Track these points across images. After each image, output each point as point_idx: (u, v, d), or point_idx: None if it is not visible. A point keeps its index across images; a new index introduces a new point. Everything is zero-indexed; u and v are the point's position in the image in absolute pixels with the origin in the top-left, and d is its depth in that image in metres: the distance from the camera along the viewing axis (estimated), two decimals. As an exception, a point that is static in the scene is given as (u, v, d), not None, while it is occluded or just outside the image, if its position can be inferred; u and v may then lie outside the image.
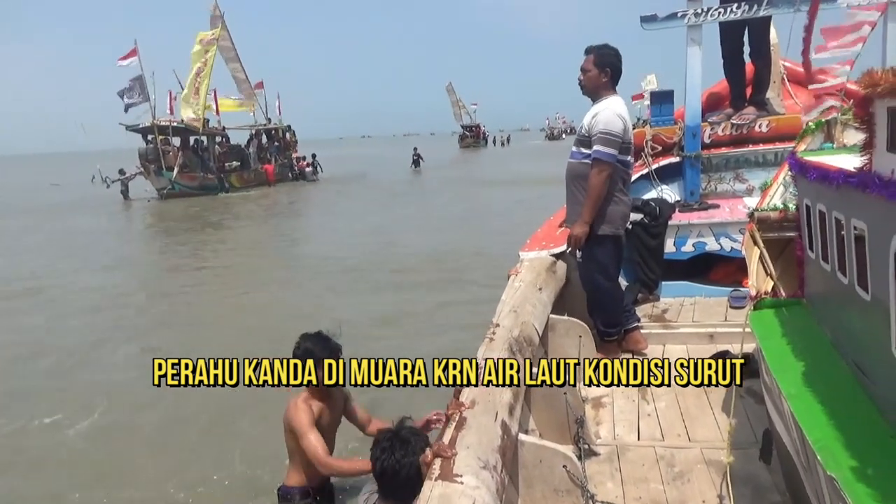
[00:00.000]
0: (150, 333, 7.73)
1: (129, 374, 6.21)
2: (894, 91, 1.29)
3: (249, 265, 12.11)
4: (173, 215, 20.39)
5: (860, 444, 1.51)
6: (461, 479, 1.95)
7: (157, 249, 14.86)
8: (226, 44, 28.64)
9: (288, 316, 7.75)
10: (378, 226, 15.63)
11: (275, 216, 20.08)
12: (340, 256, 11.81)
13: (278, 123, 33.79)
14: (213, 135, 28.22)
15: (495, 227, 14.32)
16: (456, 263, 10.53)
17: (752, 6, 4.58)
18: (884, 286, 1.48)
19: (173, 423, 5.01)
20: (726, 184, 5.15)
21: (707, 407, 3.38)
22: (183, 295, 9.74)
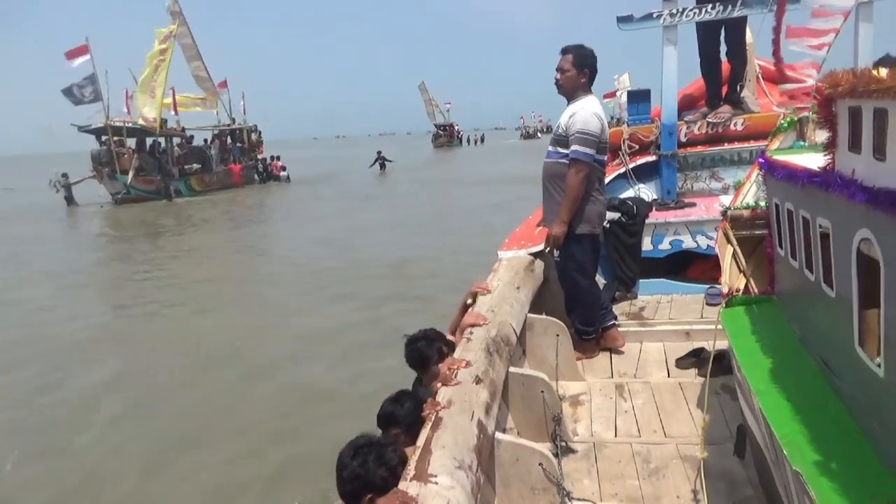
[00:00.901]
0: (68, 359, 7.07)
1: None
2: (854, 91, 1.31)
3: (200, 277, 11.23)
4: (123, 222, 19.51)
5: (826, 439, 1.53)
6: (436, 479, 1.95)
7: (95, 261, 13.81)
8: (186, 41, 27.57)
9: (237, 338, 7.30)
10: (344, 232, 14.94)
11: (235, 222, 19.08)
12: (302, 265, 11.33)
13: (243, 123, 32.57)
14: (172, 136, 26.82)
15: (466, 231, 13.90)
16: (422, 271, 10.13)
17: (726, 7, 4.63)
18: (847, 283, 1.51)
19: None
20: (702, 182, 5.21)
21: (683, 403, 3.41)
22: (118, 311, 9.13)
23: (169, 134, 26.33)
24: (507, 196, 18.36)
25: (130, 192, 23.25)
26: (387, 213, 18.02)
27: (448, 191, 23.48)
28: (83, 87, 23.14)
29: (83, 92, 23.08)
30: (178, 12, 26.52)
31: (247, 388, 5.98)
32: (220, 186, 27.60)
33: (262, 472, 4.52)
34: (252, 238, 15.76)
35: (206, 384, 6.15)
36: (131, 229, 17.99)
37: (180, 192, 25.08)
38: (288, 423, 5.19)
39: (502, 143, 73.17)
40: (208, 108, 30.49)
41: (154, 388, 6.09)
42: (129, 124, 24.07)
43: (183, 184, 25.65)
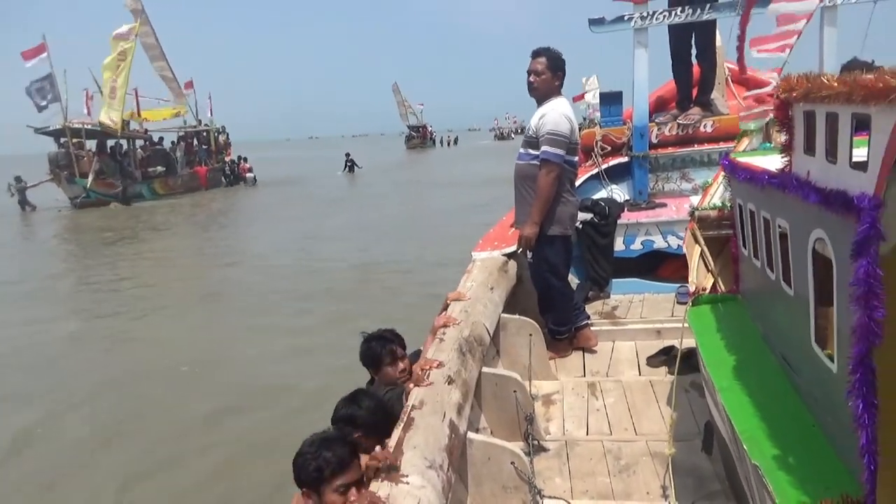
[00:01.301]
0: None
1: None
2: (809, 95, 1.35)
3: (156, 285, 10.78)
4: (80, 227, 18.60)
5: (784, 434, 1.58)
6: (407, 479, 1.97)
7: (46, 268, 12.79)
8: (149, 40, 26.63)
9: (186, 354, 6.89)
10: (309, 238, 14.31)
11: (197, 227, 18.37)
12: (264, 272, 10.89)
13: (210, 125, 31.74)
14: (134, 138, 25.87)
15: (437, 236, 13.39)
16: (389, 280, 9.68)
17: (695, 10, 4.70)
18: (804, 282, 1.55)
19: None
20: (673, 183, 5.28)
21: (653, 401, 3.46)
22: (66, 321, 8.61)
23: (131, 136, 25.49)
24: (480, 198, 17.84)
25: (90, 196, 22.38)
26: (354, 217, 17.40)
27: (420, 193, 23.20)
28: (40, 87, 22.38)
29: (41, 93, 22.29)
30: (139, 10, 25.53)
31: (189, 409, 5.57)
32: (184, 190, 26.78)
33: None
34: (213, 244, 15.00)
35: (132, 403, 5.77)
36: (88, 234, 17.25)
37: (143, 195, 24.35)
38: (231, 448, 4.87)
39: (476, 144, 72.63)
40: (179, 115, 29.69)
41: (76, 405, 5.78)
42: (88, 126, 23.26)
43: (146, 187, 24.83)
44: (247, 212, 21.59)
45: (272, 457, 4.28)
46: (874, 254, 1.11)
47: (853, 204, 1.17)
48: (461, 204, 18.12)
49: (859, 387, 1.17)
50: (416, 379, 2.60)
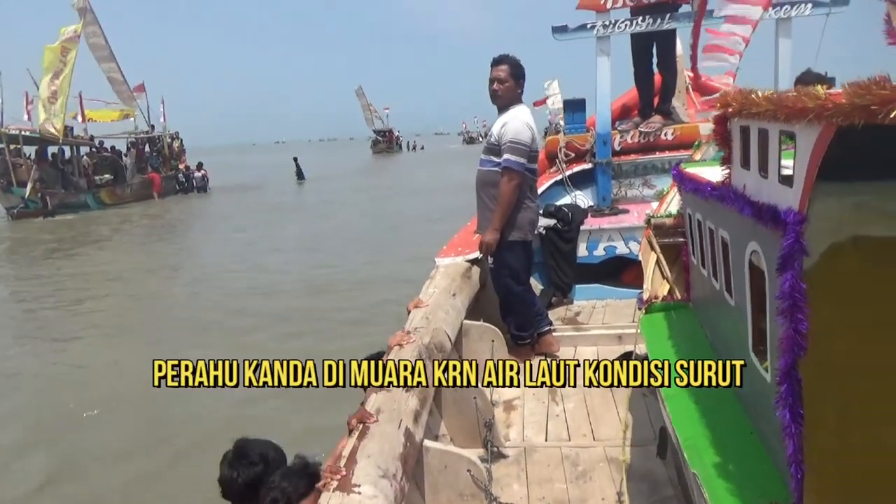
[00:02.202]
0: None
1: None
2: (742, 111, 1.38)
3: (77, 309, 9.80)
4: (17, 240, 17.49)
5: (724, 442, 1.61)
6: (359, 489, 1.96)
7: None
8: (97, 40, 25.41)
9: (117, 382, 6.30)
10: (261, 251, 13.50)
11: (139, 239, 17.23)
12: (208, 290, 10.20)
13: (163, 130, 30.56)
14: (78, 144, 24.49)
15: (399, 246, 12.69)
16: (341, 296, 9.06)
17: (656, 19, 4.79)
18: (743, 292, 1.59)
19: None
20: (636, 189, 5.36)
21: (612, 406, 3.50)
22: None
23: (74, 142, 24.16)
24: (445, 206, 17.14)
25: (29, 206, 21.11)
26: (308, 227, 16.69)
27: (384, 200, 22.40)
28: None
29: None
30: (85, 9, 24.22)
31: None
32: (135, 199, 25.43)
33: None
34: (152, 259, 14.01)
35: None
36: (24, 248, 16.22)
37: (87, 205, 23.04)
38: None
39: (445, 147, 71.80)
40: (126, 116, 28.74)
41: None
42: (26, 132, 21.96)
43: (91, 196, 23.52)
44: (195, 222, 20.57)
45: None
46: (798, 268, 1.14)
47: (780, 218, 1.20)
48: (425, 212, 17.40)
49: (786, 397, 1.20)
50: (321, 485, 2.03)
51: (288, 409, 5.37)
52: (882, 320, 1.14)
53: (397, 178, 33.63)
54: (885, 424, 1.17)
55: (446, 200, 18.47)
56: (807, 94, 1.03)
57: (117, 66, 26.82)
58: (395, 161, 52.98)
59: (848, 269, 1.14)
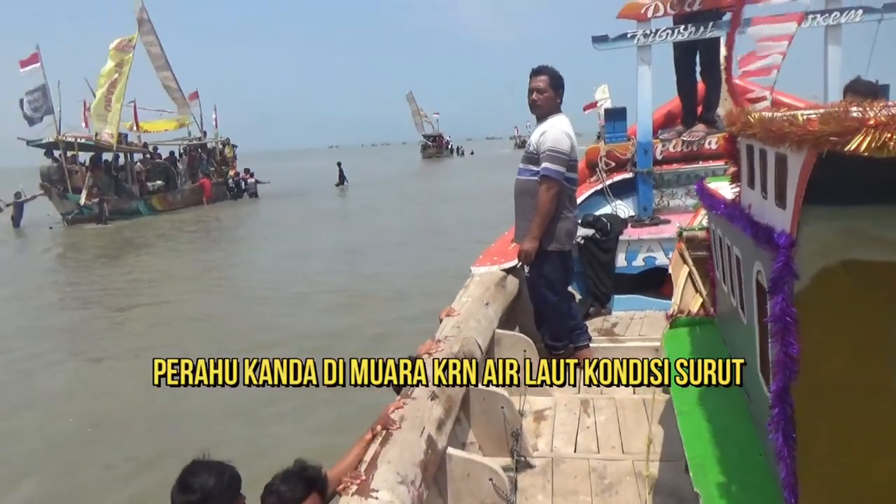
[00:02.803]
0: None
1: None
2: (745, 130, 1.39)
3: (122, 315, 9.80)
4: (71, 245, 17.65)
5: (732, 462, 1.60)
6: (376, 494, 2.02)
7: (26, 289, 11.93)
8: (155, 49, 26.06)
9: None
10: (301, 256, 13.38)
11: (185, 246, 17.02)
12: (243, 297, 10.10)
13: (215, 137, 30.95)
14: (132, 151, 24.72)
15: (440, 254, 12.30)
16: (372, 309, 8.77)
17: (698, 28, 4.72)
18: (752, 311, 1.58)
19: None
20: (678, 199, 5.28)
21: (645, 420, 3.46)
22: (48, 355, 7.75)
23: (128, 150, 24.37)
24: (493, 212, 16.23)
25: (83, 213, 21.27)
26: (353, 234, 16.50)
27: (431, 206, 22.24)
28: (33, 99, 21.63)
29: (33, 105, 21.59)
30: (145, 20, 24.89)
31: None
32: (185, 205, 25.56)
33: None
34: (201, 266, 13.81)
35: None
36: (76, 252, 16.41)
37: (139, 212, 23.29)
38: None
39: (496, 152, 70.97)
40: (182, 125, 29.09)
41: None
42: (81, 139, 22.24)
43: (142, 203, 23.81)
44: (241, 229, 20.43)
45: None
46: (788, 291, 1.14)
47: (773, 241, 1.20)
48: (470, 219, 16.92)
49: (778, 420, 1.20)
50: (341, 488, 2.10)
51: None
52: (874, 344, 1.13)
53: (449, 182, 33.42)
54: (878, 448, 1.16)
55: (493, 207, 17.80)
56: (789, 119, 1.04)
57: (172, 75, 27.37)
58: (445, 166, 52.79)
59: (839, 293, 1.13)
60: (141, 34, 24.57)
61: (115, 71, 22.33)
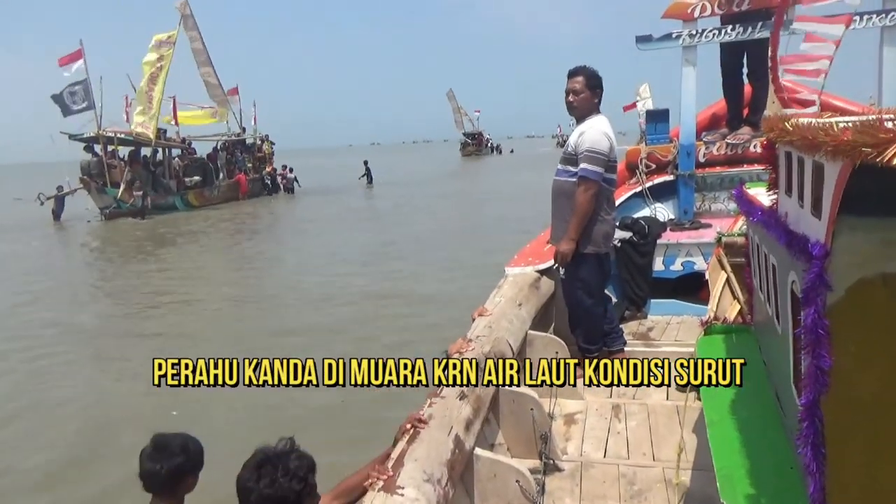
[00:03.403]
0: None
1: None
2: (783, 137, 1.35)
3: (148, 312, 9.55)
4: (106, 240, 17.74)
5: (761, 474, 1.56)
6: (402, 491, 2.03)
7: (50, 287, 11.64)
8: (196, 45, 26.06)
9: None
10: (326, 258, 13.09)
11: (218, 244, 16.82)
12: (265, 302, 9.85)
13: (254, 133, 31.10)
14: (170, 147, 24.84)
15: (469, 259, 11.81)
16: (391, 319, 8.22)
17: (746, 28, 4.61)
18: (787, 321, 1.54)
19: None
20: (721, 203, 5.17)
21: (677, 428, 3.40)
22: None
23: (166, 145, 24.51)
24: (527, 214, 15.65)
25: (121, 207, 21.31)
26: (382, 235, 15.84)
27: (467, 207, 21.67)
28: (74, 93, 21.56)
29: (74, 98, 21.57)
30: (188, 15, 24.85)
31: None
32: (222, 200, 25.64)
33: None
34: (228, 264, 13.82)
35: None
36: (112, 247, 16.48)
37: (176, 207, 23.34)
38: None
39: (536, 151, 69.57)
40: (220, 120, 29.04)
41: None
42: (120, 134, 22.37)
43: (179, 199, 23.82)
44: (273, 227, 20.25)
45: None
46: (821, 303, 1.11)
47: (807, 251, 1.17)
48: (505, 221, 16.27)
49: (807, 434, 1.17)
50: (368, 483, 2.09)
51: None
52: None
53: (488, 181, 32.85)
54: None
55: (531, 207, 17.94)
56: (825, 127, 1.01)
57: (213, 71, 27.32)
58: (485, 164, 52.10)
59: (875, 306, 1.10)
60: (184, 29, 24.70)
61: (156, 64, 22.49)
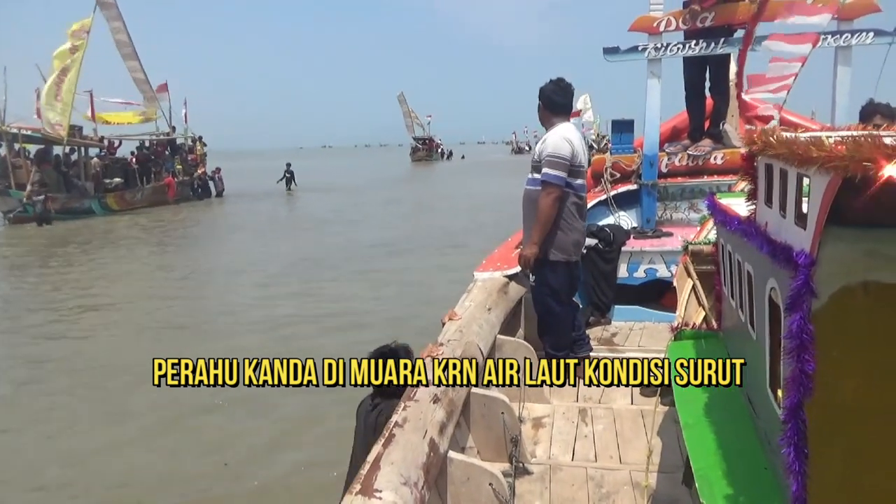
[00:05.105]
0: None
1: None
2: (765, 150, 1.41)
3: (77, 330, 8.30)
4: (9, 247, 15.89)
5: (737, 475, 1.62)
6: (380, 494, 2.03)
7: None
8: (121, 37, 23.92)
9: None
10: (237, 270, 11.82)
11: (130, 253, 14.72)
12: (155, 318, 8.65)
13: (184, 133, 29.02)
14: (86, 146, 22.65)
15: (405, 276, 10.72)
16: (313, 343, 7.10)
17: (709, 44, 4.76)
18: (763, 327, 1.60)
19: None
20: (681, 213, 5.32)
21: (642, 431, 3.48)
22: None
23: (81, 144, 22.28)
24: (479, 226, 14.93)
25: (28, 211, 19.26)
26: (316, 244, 14.53)
27: (415, 214, 20.38)
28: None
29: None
30: (111, 3, 22.71)
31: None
32: (147, 204, 23.71)
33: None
34: (141, 275, 12.16)
35: None
36: (9, 257, 14.62)
37: (92, 211, 21.39)
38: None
39: (487, 157, 68.68)
40: (147, 119, 26.95)
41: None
42: (26, 131, 20.38)
43: (96, 202, 21.85)
44: (197, 232, 18.28)
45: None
46: (806, 309, 1.16)
47: (792, 259, 1.22)
48: (445, 234, 15.09)
49: (791, 436, 1.22)
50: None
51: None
52: (890, 365, 1.15)
53: (436, 188, 31.64)
54: (891, 468, 1.18)
55: (468, 220, 16.74)
56: (814, 142, 1.06)
57: (140, 65, 25.17)
58: (436, 170, 50.74)
59: (857, 313, 1.15)
60: (107, 19, 22.88)
61: (68, 56, 20.59)
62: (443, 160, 67.47)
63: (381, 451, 2.27)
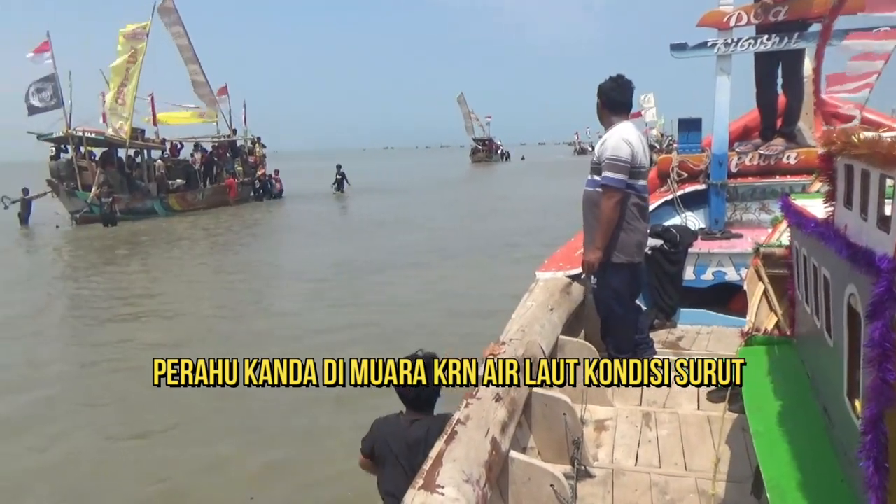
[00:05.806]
0: None
1: None
2: (846, 150, 1.36)
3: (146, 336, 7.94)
4: (73, 246, 16.26)
5: (811, 487, 1.57)
6: (442, 489, 2.05)
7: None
8: (182, 42, 24.59)
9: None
10: (290, 278, 11.65)
11: (188, 255, 14.90)
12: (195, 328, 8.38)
13: (244, 135, 29.64)
14: (148, 148, 23.25)
15: (454, 283, 10.36)
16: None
17: (782, 39, 4.59)
18: (841, 334, 1.55)
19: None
20: (752, 213, 5.15)
21: (708, 437, 3.40)
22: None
23: (143, 146, 22.82)
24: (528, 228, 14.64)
25: (93, 211, 19.76)
26: (354, 249, 14.20)
27: (468, 220, 19.33)
28: (41, 89, 20.14)
29: (41, 96, 20.15)
30: (171, 9, 23.16)
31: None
32: (207, 205, 24.02)
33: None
34: (193, 283, 11.73)
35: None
36: (76, 256, 14.97)
37: (154, 211, 21.88)
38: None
39: (549, 158, 68.10)
40: (208, 120, 27.65)
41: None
42: (91, 134, 20.79)
43: (158, 203, 22.31)
44: (250, 238, 17.79)
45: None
46: (889, 316, 1.12)
47: (874, 264, 1.18)
48: (496, 244, 14.14)
49: (870, 448, 1.18)
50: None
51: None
52: None
53: (495, 190, 31.23)
54: None
55: (525, 221, 16.36)
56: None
57: (200, 68, 25.75)
58: (495, 171, 50.74)
59: None
60: (166, 25, 23.53)
61: (128, 62, 21.06)
62: (502, 161, 67.38)
63: (444, 447, 2.29)
